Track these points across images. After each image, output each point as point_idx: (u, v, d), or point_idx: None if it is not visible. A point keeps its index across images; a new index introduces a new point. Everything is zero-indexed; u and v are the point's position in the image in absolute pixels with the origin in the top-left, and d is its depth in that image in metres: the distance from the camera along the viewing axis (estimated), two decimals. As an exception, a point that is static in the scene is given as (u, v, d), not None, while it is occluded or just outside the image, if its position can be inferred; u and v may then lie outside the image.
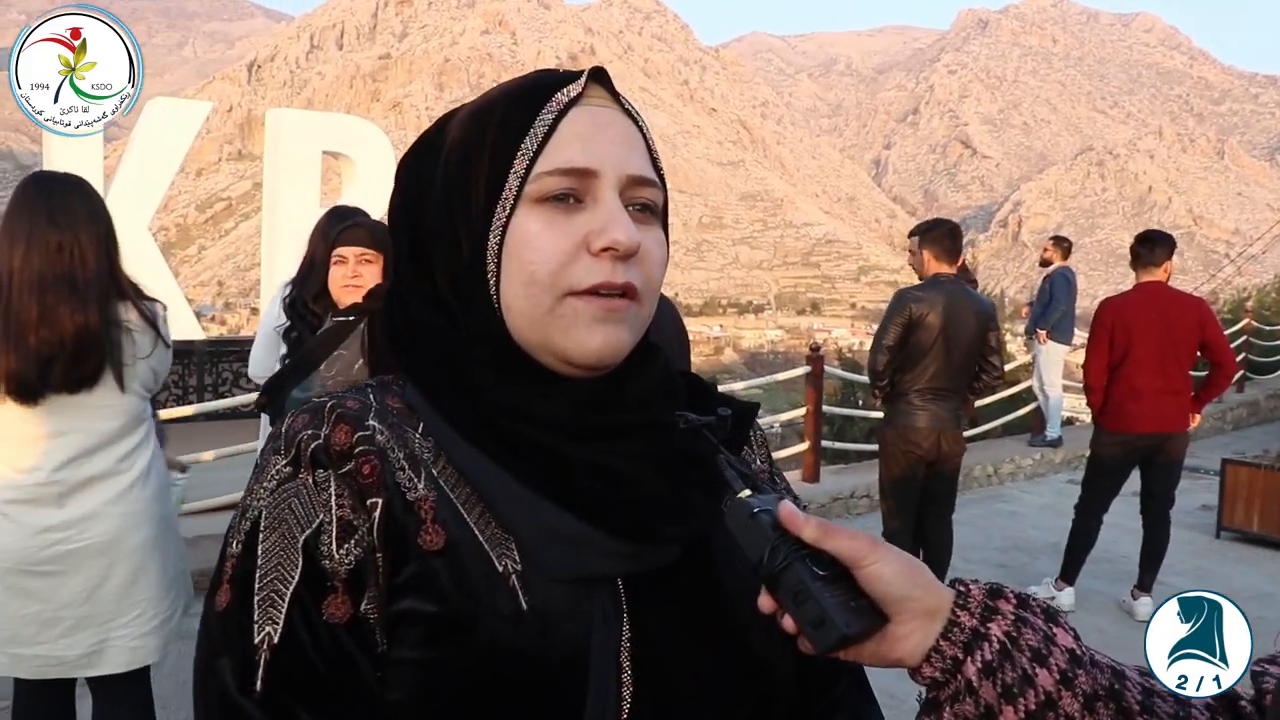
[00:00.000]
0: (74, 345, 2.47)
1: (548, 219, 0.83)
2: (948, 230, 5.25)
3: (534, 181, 0.83)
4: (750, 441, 1.05)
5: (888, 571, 0.77)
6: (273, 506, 0.82)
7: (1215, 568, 6.67)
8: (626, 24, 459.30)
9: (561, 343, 0.84)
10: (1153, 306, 5.44)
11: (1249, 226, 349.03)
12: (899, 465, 5.23)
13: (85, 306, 2.48)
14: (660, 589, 0.85)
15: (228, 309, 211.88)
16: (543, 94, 0.85)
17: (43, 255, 2.45)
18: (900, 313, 5.00)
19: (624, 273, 0.83)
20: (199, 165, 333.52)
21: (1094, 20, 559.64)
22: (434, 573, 0.80)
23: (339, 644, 0.80)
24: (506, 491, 0.83)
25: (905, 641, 0.78)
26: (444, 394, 0.86)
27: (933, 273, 5.11)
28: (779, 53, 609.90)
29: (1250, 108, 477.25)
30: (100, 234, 2.55)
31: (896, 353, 5.02)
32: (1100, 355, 5.52)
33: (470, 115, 0.89)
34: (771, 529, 0.78)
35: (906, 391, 5.07)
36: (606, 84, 0.89)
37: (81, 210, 2.53)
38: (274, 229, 9.73)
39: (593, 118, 0.85)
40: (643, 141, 0.89)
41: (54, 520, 2.51)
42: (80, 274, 2.49)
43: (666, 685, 0.83)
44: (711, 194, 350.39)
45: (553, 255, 0.82)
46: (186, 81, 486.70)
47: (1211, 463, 9.06)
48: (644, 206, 0.87)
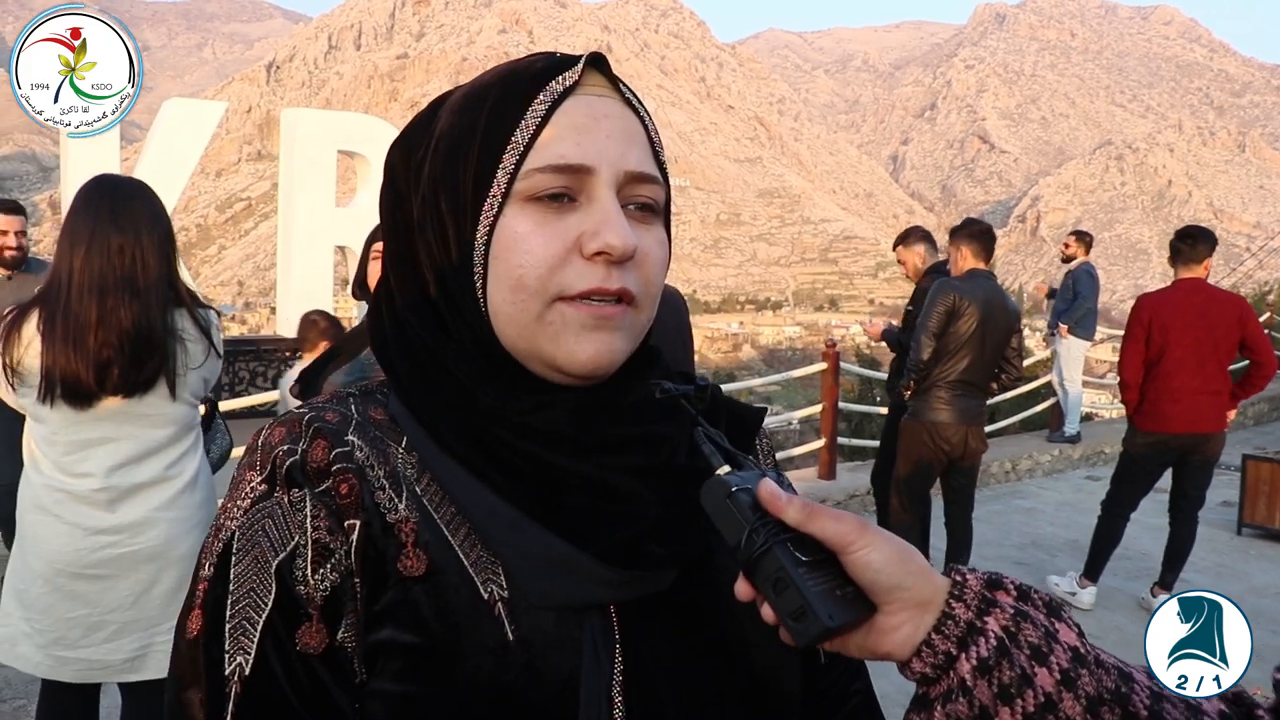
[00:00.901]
0: (133, 348, 2.46)
1: (538, 219, 0.78)
2: (983, 229, 5.33)
3: (524, 178, 0.78)
4: (757, 451, 1.00)
5: (877, 558, 0.71)
6: (246, 527, 0.78)
7: (1236, 564, 6.62)
8: (643, 21, 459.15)
9: (551, 351, 0.79)
10: (1192, 304, 5.34)
11: (1271, 219, 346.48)
12: (920, 459, 5.23)
13: (147, 310, 2.48)
14: (655, 614, 0.81)
15: (248, 309, 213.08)
16: (537, 81, 0.80)
17: (104, 257, 2.45)
18: (944, 300, 5.02)
19: (619, 277, 0.78)
20: (219, 166, 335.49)
21: (1112, 13, 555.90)
22: (414, 600, 0.76)
23: (314, 675, 0.76)
24: (493, 511, 0.78)
25: (894, 634, 0.72)
26: (429, 404, 0.81)
27: (969, 268, 5.16)
28: (795, 49, 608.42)
29: (1272, 99, 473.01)
30: (161, 238, 2.55)
31: (938, 341, 5.03)
32: (1137, 352, 5.41)
33: (462, 101, 0.83)
34: (751, 510, 0.73)
35: (938, 383, 5.09)
36: (606, 71, 0.84)
37: (144, 213, 2.53)
38: (290, 228, 9.77)
39: (589, 108, 0.80)
40: (644, 134, 0.84)
41: (105, 524, 2.51)
42: (141, 277, 2.48)
43: (661, 716, 0.79)
44: (729, 191, 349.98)
45: (542, 259, 0.77)
46: (206, 82, 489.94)
47: (1232, 458, 8.98)
48: (644, 205, 0.82)
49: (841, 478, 8.00)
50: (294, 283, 9.62)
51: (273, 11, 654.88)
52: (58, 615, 2.51)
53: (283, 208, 9.92)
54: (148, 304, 2.48)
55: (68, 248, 2.47)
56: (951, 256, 5.38)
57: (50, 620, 2.51)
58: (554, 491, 0.78)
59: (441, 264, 0.82)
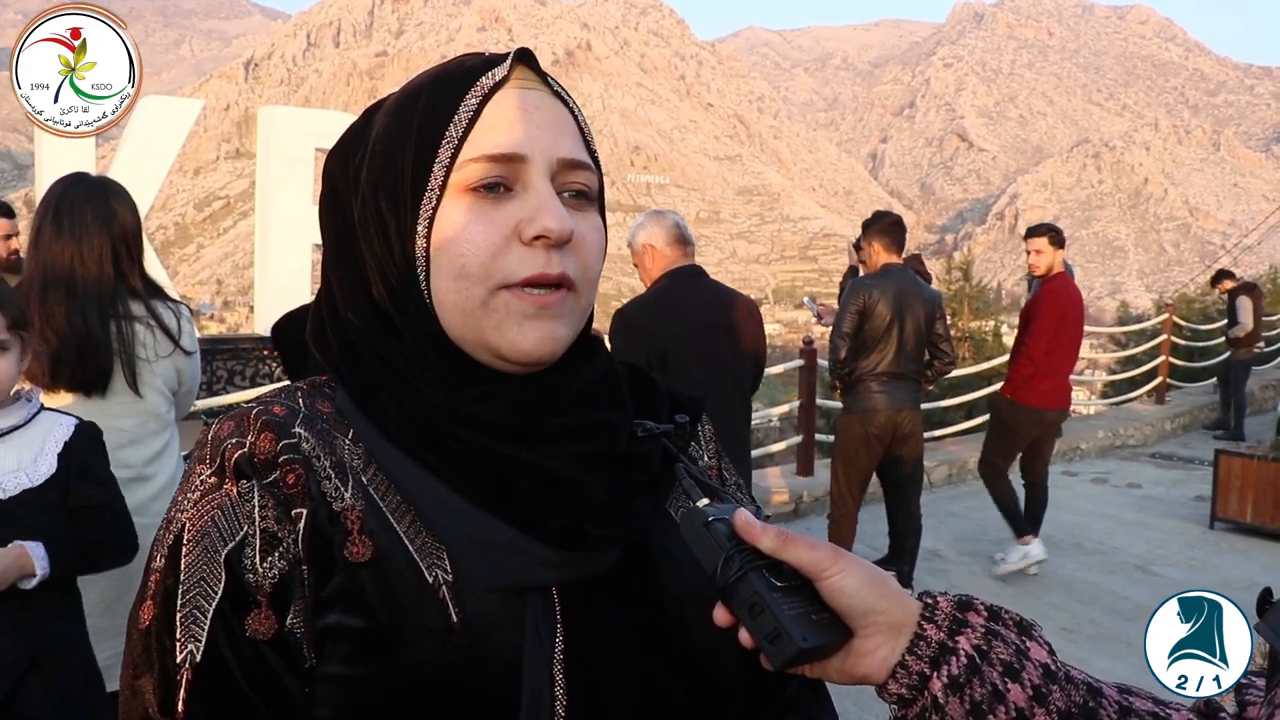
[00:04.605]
0: (74, 349, 2.45)
1: (477, 209, 0.80)
2: (892, 222, 5.45)
3: (460, 170, 0.80)
4: (698, 437, 1.02)
5: (850, 583, 0.74)
6: (196, 519, 0.79)
7: (1209, 558, 6.69)
8: (623, 19, 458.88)
9: (494, 340, 0.81)
10: (1078, 296, 6.18)
11: (1245, 217, 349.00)
12: (854, 448, 5.40)
13: (82, 310, 2.45)
14: (597, 596, 0.83)
15: (226, 307, 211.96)
16: (468, 78, 0.83)
17: (46, 257, 2.45)
18: (854, 301, 5.22)
19: (559, 262, 0.81)
20: (197, 164, 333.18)
21: (1089, 13, 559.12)
22: (360, 586, 0.77)
23: (263, 661, 0.77)
24: (437, 499, 0.80)
25: (870, 657, 0.74)
26: (375, 397, 0.83)
27: (882, 263, 5.30)
28: (775, 47, 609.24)
29: (1246, 99, 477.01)
30: (112, 238, 2.52)
31: (853, 340, 5.23)
32: (1046, 334, 5.95)
33: (395, 104, 0.86)
34: (727, 539, 0.76)
35: (864, 377, 5.26)
36: (534, 66, 0.86)
37: (91, 215, 2.51)
38: (268, 227, 9.72)
39: (520, 100, 0.82)
40: (574, 124, 0.86)
41: None
42: (80, 278, 2.46)
43: (601, 695, 0.80)
44: (709, 188, 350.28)
45: (483, 247, 0.79)
46: (183, 80, 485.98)
47: (1205, 453, 9.08)
48: (578, 192, 0.85)
49: (819, 474, 8.03)
50: (272, 281, 9.57)
51: (251, 9, 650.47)
52: None
53: (260, 205, 9.86)
54: (84, 305, 2.46)
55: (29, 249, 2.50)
56: (865, 252, 5.54)
57: None
58: (499, 479, 0.80)
59: (384, 262, 0.83)
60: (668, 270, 3.90)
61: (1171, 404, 12.47)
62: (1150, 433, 11.20)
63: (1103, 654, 4.91)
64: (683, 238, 3.95)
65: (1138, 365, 13.20)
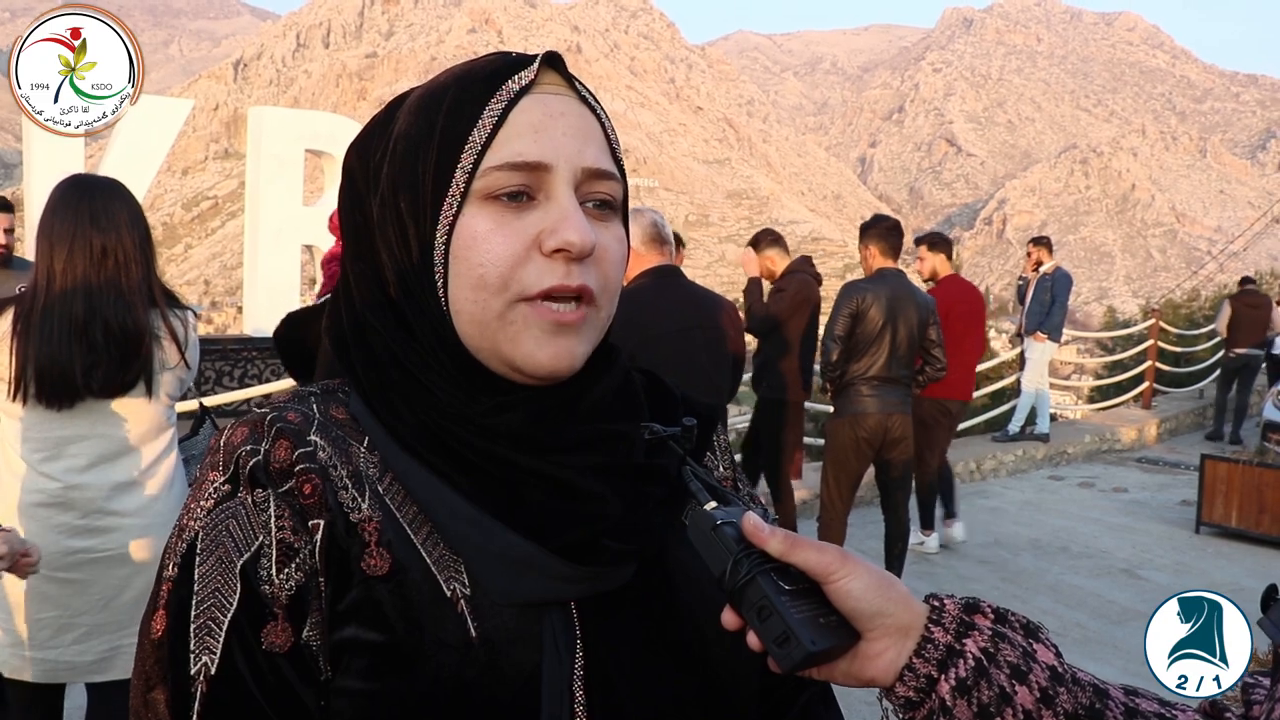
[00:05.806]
0: (119, 350, 2.46)
1: (498, 218, 0.78)
2: (890, 226, 5.47)
3: (482, 177, 0.78)
4: (713, 447, 1.00)
5: (858, 586, 0.73)
6: (210, 528, 0.78)
7: (1194, 562, 6.73)
8: (613, 22, 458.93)
9: (510, 352, 0.79)
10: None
11: (1231, 224, 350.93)
12: (845, 452, 5.39)
13: (132, 311, 2.48)
14: (615, 611, 0.82)
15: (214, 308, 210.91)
16: (494, 81, 0.80)
17: (87, 258, 2.44)
18: (847, 304, 5.22)
19: (579, 275, 0.79)
20: (185, 164, 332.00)
21: (1077, 19, 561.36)
22: (378, 599, 0.76)
23: (279, 674, 0.76)
24: (454, 510, 0.79)
25: (878, 660, 0.74)
26: (390, 404, 0.81)
27: (877, 267, 5.31)
28: (765, 51, 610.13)
29: (1232, 106, 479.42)
30: (140, 239, 2.55)
31: (845, 343, 5.22)
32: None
33: (418, 102, 0.83)
34: (735, 542, 0.75)
35: (855, 381, 5.26)
36: (562, 69, 0.84)
37: (123, 214, 2.53)
38: (257, 227, 9.69)
39: (546, 106, 0.80)
40: (601, 131, 0.84)
41: (77, 526, 2.48)
42: (125, 278, 2.49)
43: (620, 711, 0.80)
44: (698, 192, 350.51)
45: (503, 257, 0.78)
46: (172, 80, 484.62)
47: (1191, 458, 9.12)
48: (602, 202, 0.83)
49: (808, 476, 8.06)
50: (261, 282, 9.54)
51: (240, 9, 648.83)
52: (27, 616, 2.47)
53: (249, 206, 9.84)
54: (132, 305, 2.48)
55: (47, 249, 2.46)
56: (861, 256, 5.53)
57: (19, 621, 2.48)
58: (515, 490, 0.79)
59: (402, 264, 0.81)
60: (644, 270, 3.82)
61: (1158, 409, 12.54)
62: (1137, 437, 11.25)
63: (1090, 657, 4.91)
64: (660, 237, 3.87)
65: (1124, 370, 13.27)
